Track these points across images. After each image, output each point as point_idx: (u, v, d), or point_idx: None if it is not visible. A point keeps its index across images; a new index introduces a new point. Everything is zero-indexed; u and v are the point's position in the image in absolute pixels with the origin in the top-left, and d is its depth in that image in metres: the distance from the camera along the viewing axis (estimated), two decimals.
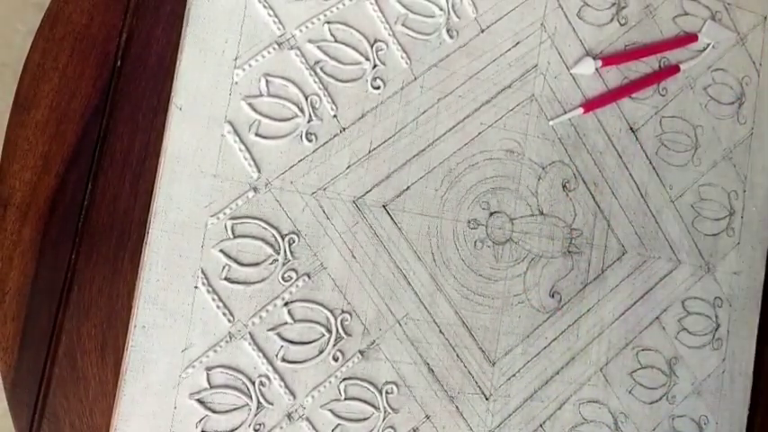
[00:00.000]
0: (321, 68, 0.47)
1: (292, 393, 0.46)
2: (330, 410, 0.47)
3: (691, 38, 0.58)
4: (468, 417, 0.50)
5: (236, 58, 0.45)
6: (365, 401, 0.48)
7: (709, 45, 0.58)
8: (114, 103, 0.45)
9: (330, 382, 0.47)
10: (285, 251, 0.46)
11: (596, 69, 0.54)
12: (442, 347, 0.50)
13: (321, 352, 0.47)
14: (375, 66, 0.49)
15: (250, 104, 0.46)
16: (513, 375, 0.52)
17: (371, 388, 0.48)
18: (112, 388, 0.44)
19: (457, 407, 0.50)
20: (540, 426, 0.52)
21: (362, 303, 0.48)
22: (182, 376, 0.43)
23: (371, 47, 0.49)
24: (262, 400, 0.45)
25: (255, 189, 0.46)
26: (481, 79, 0.51)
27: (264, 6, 0.46)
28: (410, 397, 0.49)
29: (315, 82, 0.47)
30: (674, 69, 0.57)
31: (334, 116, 0.48)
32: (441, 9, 0.50)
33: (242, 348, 0.45)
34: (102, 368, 0.44)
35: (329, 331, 0.47)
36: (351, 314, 0.47)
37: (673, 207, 0.57)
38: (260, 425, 0.45)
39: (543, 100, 0.53)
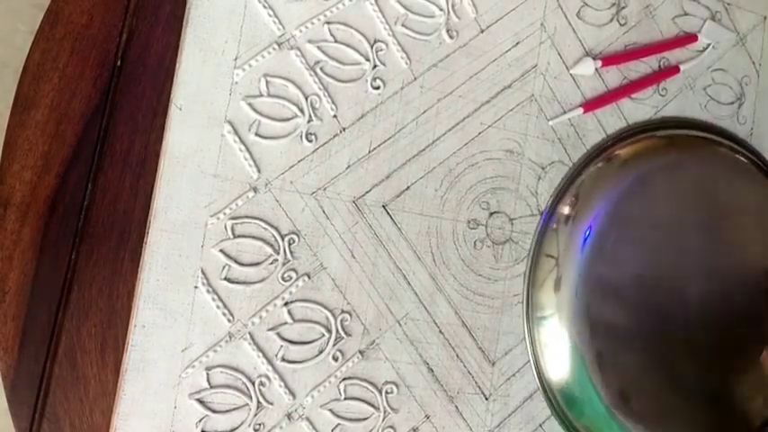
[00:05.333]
0: (321, 68, 0.47)
1: (292, 393, 0.46)
2: (330, 410, 0.47)
3: (690, 38, 0.58)
4: (468, 417, 0.50)
5: (236, 58, 0.45)
6: (365, 401, 0.48)
7: (708, 45, 0.59)
8: (114, 104, 0.45)
9: (330, 382, 0.47)
10: (285, 251, 0.46)
11: (596, 69, 0.54)
12: (441, 347, 0.50)
13: (321, 352, 0.47)
14: (375, 66, 0.49)
15: (250, 104, 0.46)
16: (513, 375, 0.52)
17: (371, 388, 0.48)
18: (112, 388, 0.44)
19: (456, 407, 0.50)
20: (540, 426, 0.52)
21: (362, 303, 0.48)
22: (182, 376, 0.43)
23: (371, 47, 0.49)
24: (261, 399, 0.45)
25: (255, 189, 0.46)
26: (481, 79, 0.51)
27: (264, 6, 0.46)
28: (410, 397, 0.49)
29: (315, 82, 0.47)
30: (673, 70, 0.57)
31: (334, 116, 0.48)
32: (440, 9, 0.50)
33: (242, 348, 0.45)
34: (102, 368, 0.44)
35: (329, 331, 0.47)
36: (350, 314, 0.47)
37: None
38: (260, 425, 0.45)
39: (543, 100, 0.53)
